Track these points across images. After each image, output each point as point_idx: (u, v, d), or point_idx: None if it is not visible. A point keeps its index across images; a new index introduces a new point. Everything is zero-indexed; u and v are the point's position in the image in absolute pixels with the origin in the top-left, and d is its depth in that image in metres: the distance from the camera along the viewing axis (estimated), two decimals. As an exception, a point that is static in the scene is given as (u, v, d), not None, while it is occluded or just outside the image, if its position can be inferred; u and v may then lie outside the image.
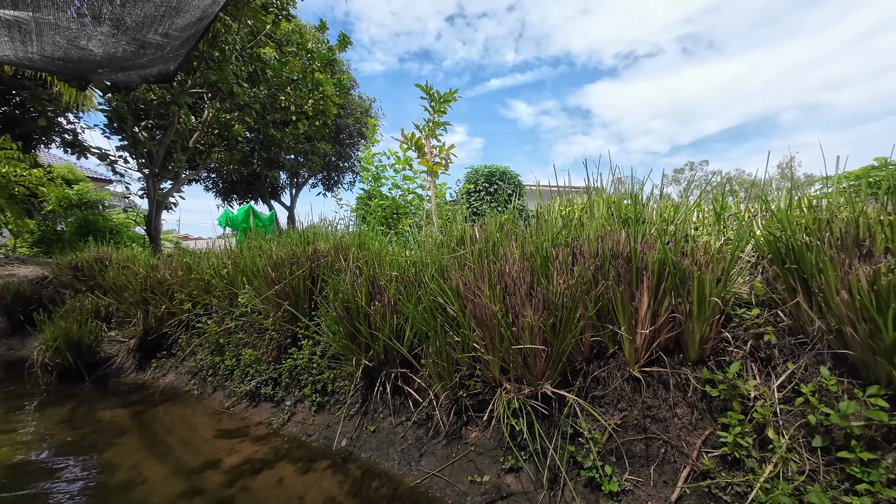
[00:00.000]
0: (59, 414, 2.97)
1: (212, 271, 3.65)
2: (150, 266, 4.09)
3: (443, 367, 2.20)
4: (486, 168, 14.22)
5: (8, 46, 4.60)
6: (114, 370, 3.83)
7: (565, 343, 1.81)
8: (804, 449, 1.42)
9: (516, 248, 2.19)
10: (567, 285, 1.79)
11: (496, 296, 1.99)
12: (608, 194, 2.77)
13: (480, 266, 2.13)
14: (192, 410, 3.00)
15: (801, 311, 1.61)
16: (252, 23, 8.35)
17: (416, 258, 2.67)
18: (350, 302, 2.55)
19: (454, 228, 2.78)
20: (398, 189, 7.09)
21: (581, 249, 1.98)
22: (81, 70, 5.68)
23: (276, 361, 3.08)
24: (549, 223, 2.45)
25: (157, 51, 4.99)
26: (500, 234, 2.50)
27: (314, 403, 2.75)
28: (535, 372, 1.90)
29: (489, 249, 2.34)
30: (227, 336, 3.43)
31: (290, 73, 8.20)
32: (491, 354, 2.01)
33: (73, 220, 11.19)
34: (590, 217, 2.56)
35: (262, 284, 3.17)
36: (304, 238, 3.54)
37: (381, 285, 2.64)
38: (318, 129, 9.60)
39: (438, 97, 5.42)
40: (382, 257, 3.02)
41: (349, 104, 17.68)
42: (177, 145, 8.71)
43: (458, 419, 2.26)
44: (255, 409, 2.95)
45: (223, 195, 17.37)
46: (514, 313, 1.93)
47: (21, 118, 9.58)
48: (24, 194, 9.44)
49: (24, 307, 4.94)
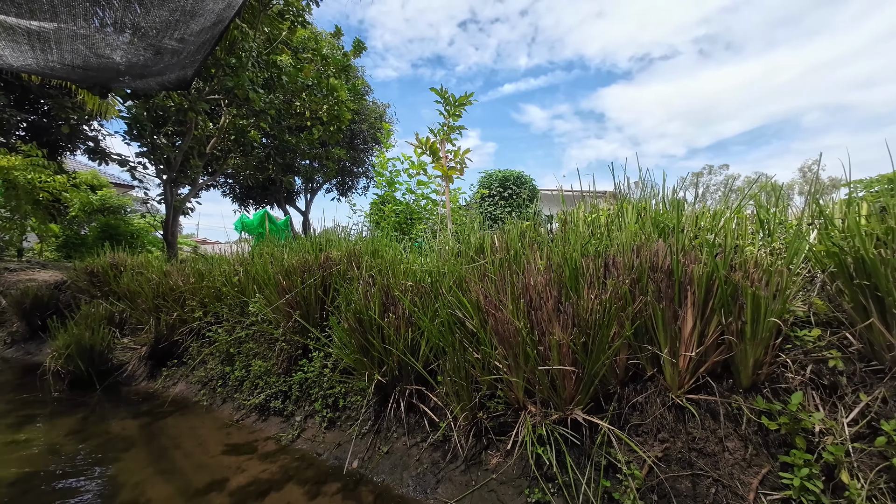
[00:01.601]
0: (68, 424, 2.91)
1: (223, 279, 3.58)
2: (162, 272, 4.05)
3: (461, 387, 2.04)
4: (501, 172, 14.04)
5: (30, 55, 4.63)
6: (125, 378, 3.79)
7: (598, 365, 1.64)
8: (888, 497, 1.22)
9: (540, 259, 2.03)
10: (600, 300, 1.62)
11: (520, 310, 1.83)
12: (636, 199, 2.59)
13: (502, 277, 1.97)
14: (200, 422, 2.90)
15: (875, 334, 1.41)
16: (269, 30, 8.42)
17: (432, 268, 2.52)
18: (363, 313, 2.42)
19: (472, 236, 2.63)
20: (412, 194, 7.00)
21: (614, 261, 1.81)
22: (101, 78, 5.74)
23: (286, 373, 2.97)
24: (575, 231, 2.28)
25: (173, 56, 4.98)
26: (521, 243, 2.34)
27: (325, 419, 2.62)
28: (563, 395, 1.73)
29: (510, 259, 2.19)
30: (238, 346, 3.34)
31: (305, 78, 8.21)
32: (514, 374, 1.85)
33: (95, 225, 11.45)
34: (619, 225, 2.38)
35: (273, 293, 3.07)
36: (315, 245, 3.44)
37: (395, 296, 2.51)
38: (333, 135, 9.60)
39: (453, 101, 5.31)
40: (396, 266, 2.89)
41: (363, 110, 17.78)
42: (194, 151, 8.81)
43: (478, 442, 2.10)
44: (264, 422, 2.84)
45: (239, 200, 17.62)
46: (540, 330, 1.76)
47: (48, 126, 9.85)
48: (49, 200, 9.67)
49: (42, 312, 4.98)
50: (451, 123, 5.38)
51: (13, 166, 8.58)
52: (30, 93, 9.57)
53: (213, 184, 16.99)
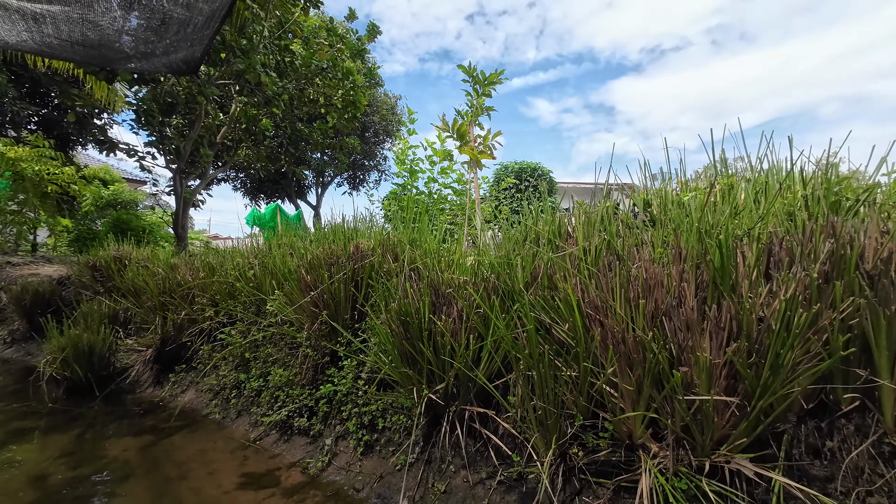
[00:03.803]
0: (60, 444, 2.50)
1: (236, 273, 3.13)
2: (168, 266, 3.63)
3: (547, 413, 1.55)
4: (517, 164, 13.45)
5: (23, 28, 4.18)
6: (128, 384, 3.38)
7: (770, 394, 1.14)
8: None
9: (656, 246, 1.52)
10: (780, 301, 1.11)
11: (640, 316, 1.33)
12: (747, 175, 2.06)
13: (606, 270, 1.47)
14: (212, 443, 2.47)
15: None
16: (280, 14, 7.96)
17: (493, 258, 2.03)
18: (409, 315, 1.95)
19: (545, 216, 2.13)
20: (434, 183, 6.50)
21: (782, 245, 1.30)
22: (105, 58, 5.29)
23: (311, 384, 2.51)
24: (686, 211, 1.76)
25: (179, 30, 4.50)
26: (612, 226, 1.83)
27: (360, 443, 2.16)
28: (712, 434, 1.23)
29: (605, 247, 1.68)
30: (254, 350, 2.90)
31: (319, 61, 7.74)
32: (632, 402, 1.35)
33: (107, 220, 11.21)
34: (730, 206, 1.86)
35: (295, 289, 2.62)
36: (343, 234, 2.97)
37: (447, 294, 2.03)
38: (349, 122, 9.14)
39: (483, 78, 4.79)
40: (443, 257, 2.41)
41: (375, 101, 17.31)
42: (204, 140, 8.42)
43: (567, 484, 1.61)
44: (286, 443, 2.39)
45: (251, 194, 17.33)
46: (676, 344, 1.27)
47: (59, 119, 9.57)
48: (57, 192, 9.38)
49: (44, 309, 4.61)
50: (481, 103, 4.88)
51: (20, 158, 8.28)
52: (40, 85, 9.29)
53: (225, 178, 16.72)
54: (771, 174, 1.84)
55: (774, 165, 2.06)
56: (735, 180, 2.04)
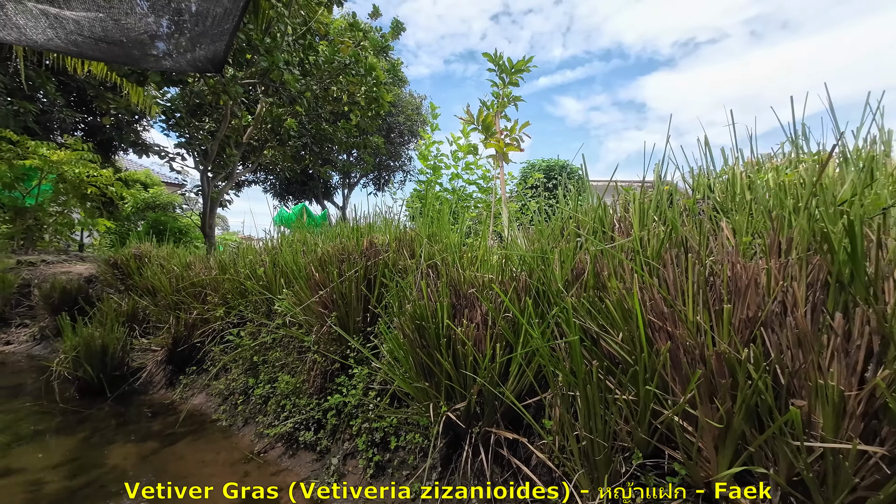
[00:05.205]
0: (65, 448, 2.38)
1: (247, 271, 2.96)
2: (183, 264, 3.52)
3: (595, 446, 1.23)
4: (544, 162, 12.95)
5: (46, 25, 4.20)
6: (141, 385, 3.27)
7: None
8: None
9: (739, 234, 1.17)
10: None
11: (725, 326, 0.99)
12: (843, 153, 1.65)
13: (672, 266, 1.14)
14: (215, 454, 2.28)
15: None
16: (304, 13, 7.92)
17: (528, 252, 1.72)
18: (426, 319, 1.67)
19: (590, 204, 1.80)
20: (459, 179, 6.21)
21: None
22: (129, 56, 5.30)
23: (319, 393, 2.28)
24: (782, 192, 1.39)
25: (198, 22, 4.41)
26: (674, 212, 1.48)
27: (370, 463, 1.89)
28: (841, 495, 0.88)
29: (667, 237, 1.34)
30: (263, 353, 2.70)
31: (342, 56, 7.63)
32: (712, 440, 1.01)
33: (146, 221, 11.66)
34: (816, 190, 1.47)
35: (304, 288, 2.40)
36: (355, 229, 2.74)
37: (469, 295, 1.73)
38: (372, 120, 9.01)
39: (510, 65, 4.47)
40: (464, 253, 2.12)
41: (400, 102, 17.24)
42: (230, 141, 8.50)
43: (618, 535, 1.29)
44: (291, 458, 2.16)
45: (279, 196, 17.65)
46: (783, 367, 0.92)
47: (103, 125, 9.98)
48: (97, 194, 9.74)
49: (71, 306, 4.64)
50: (507, 92, 4.55)
51: (62, 161, 8.63)
52: (85, 93, 9.71)
53: (255, 180, 17.10)
54: (886, 143, 1.44)
55: (879, 138, 1.65)
56: (824, 156, 1.65)
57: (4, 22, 3.80)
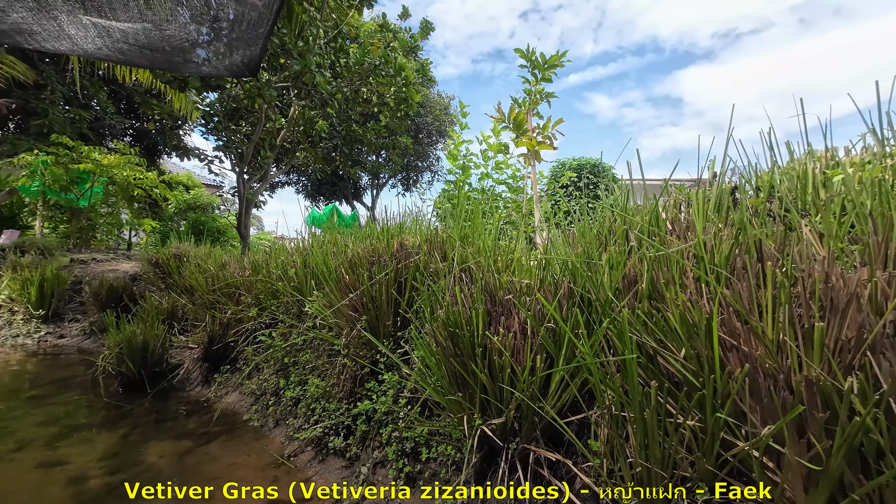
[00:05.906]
0: (107, 443, 2.46)
1: (278, 271, 2.97)
2: (219, 264, 3.60)
3: (653, 476, 1.10)
4: (575, 160, 12.53)
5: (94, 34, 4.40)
6: (179, 382, 3.36)
7: None
8: None
9: (831, 239, 1.01)
10: None
11: (817, 349, 0.84)
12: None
13: (746, 276, 0.99)
14: (245, 456, 2.28)
15: None
16: (336, 17, 8.04)
17: (573, 257, 1.59)
18: (459, 326, 1.58)
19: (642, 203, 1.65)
20: (489, 178, 6.08)
21: None
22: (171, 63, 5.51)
23: (349, 398, 2.23)
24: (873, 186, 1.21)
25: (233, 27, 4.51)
26: (742, 214, 1.31)
27: (401, 474, 1.82)
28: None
29: (736, 242, 1.18)
30: (294, 355, 2.70)
31: (372, 58, 7.68)
32: (800, 481, 0.87)
33: (187, 222, 12.26)
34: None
35: (334, 291, 2.36)
36: (385, 230, 2.68)
37: (506, 301, 1.63)
38: (401, 121, 9.04)
39: (542, 61, 4.30)
40: (498, 256, 2.02)
41: (428, 102, 17.25)
42: (265, 143, 8.75)
43: (677, 576, 1.15)
44: (321, 464, 2.13)
45: (311, 197, 18.09)
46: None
47: (148, 131, 10.55)
48: (143, 196, 10.29)
49: (117, 303, 4.88)
50: (540, 89, 4.39)
51: (112, 164, 9.16)
52: (133, 101, 10.31)
53: (288, 181, 17.61)
54: None
55: None
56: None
57: (59, 33, 4.02)
